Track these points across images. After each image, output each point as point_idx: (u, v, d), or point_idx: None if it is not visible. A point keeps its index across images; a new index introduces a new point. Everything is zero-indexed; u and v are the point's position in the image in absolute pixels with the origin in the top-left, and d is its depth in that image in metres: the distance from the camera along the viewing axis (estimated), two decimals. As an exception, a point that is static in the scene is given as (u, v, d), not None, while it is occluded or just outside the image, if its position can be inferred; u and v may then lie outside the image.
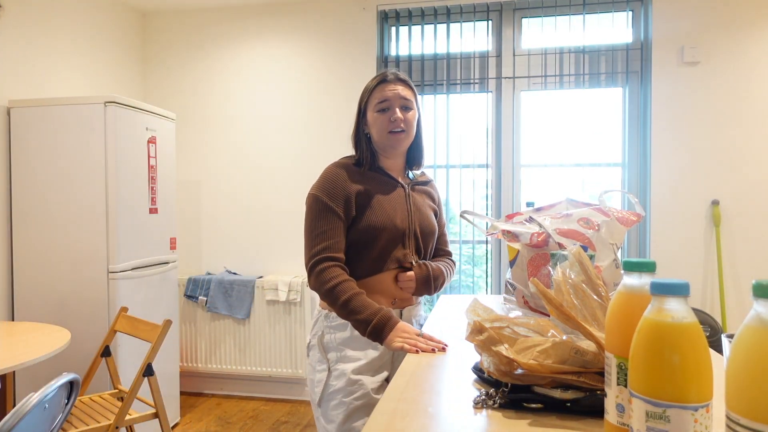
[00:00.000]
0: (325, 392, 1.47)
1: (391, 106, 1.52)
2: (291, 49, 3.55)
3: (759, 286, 0.53)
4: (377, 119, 1.53)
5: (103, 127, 2.62)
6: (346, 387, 1.43)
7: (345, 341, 1.48)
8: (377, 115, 1.53)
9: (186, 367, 3.55)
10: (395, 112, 1.51)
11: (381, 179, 1.57)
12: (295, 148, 3.56)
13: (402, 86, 1.54)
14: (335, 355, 1.48)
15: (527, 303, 1.42)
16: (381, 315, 1.36)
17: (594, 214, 1.39)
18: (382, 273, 1.50)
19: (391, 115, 1.52)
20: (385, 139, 1.53)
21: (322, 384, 1.47)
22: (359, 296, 1.39)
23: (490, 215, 3.33)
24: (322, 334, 1.51)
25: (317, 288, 1.45)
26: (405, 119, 1.52)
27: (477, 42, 3.32)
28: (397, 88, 1.53)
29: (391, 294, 1.53)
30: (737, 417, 0.53)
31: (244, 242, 3.64)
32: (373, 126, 1.55)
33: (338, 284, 1.40)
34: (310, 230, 1.49)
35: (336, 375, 1.46)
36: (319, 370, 1.50)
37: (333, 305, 1.42)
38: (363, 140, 1.58)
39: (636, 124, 3.18)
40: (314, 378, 1.51)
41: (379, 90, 1.54)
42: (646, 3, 3.12)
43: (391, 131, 1.52)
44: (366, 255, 1.49)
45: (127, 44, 3.59)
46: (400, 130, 1.52)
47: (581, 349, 0.84)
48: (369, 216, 1.48)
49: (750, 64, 3.00)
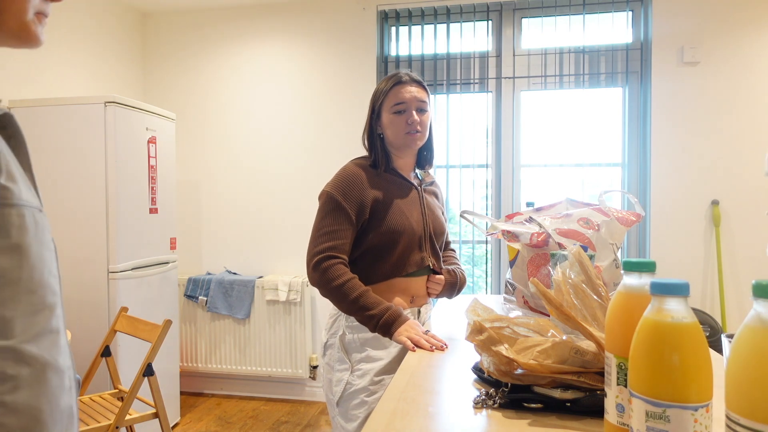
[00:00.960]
0: (345, 391, 1.47)
1: (407, 108, 1.53)
2: (291, 49, 3.55)
3: (759, 286, 0.53)
4: (393, 120, 1.54)
5: (103, 127, 2.62)
6: (369, 386, 1.44)
7: (367, 341, 1.48)
8: (393, 116, 1.54)
9: (186, 367, 3.55)
10: (412, 114, 1.53)
11: (397, 181, 1.58)
12: (295, 147, 3.56)
13: (417, 88, 1.56)
14: (358, 355, 1.48)
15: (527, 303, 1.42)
16: (392, 311, 1.40)
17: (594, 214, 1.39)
18: (401, 276, 1.53)
19: (408, 117, 1.53)
20: (401, 140, 1.55)
21: (342, 383, 1.48)
22: (369, 293, 1.43)
23: (490, 215, 3.33)
24: (343, 334, 1.51)
25: (323, 284, 1.45)
26: (421, 121, 1.54)
27: (477, 42, 3.32)
28: (413, 90, 1.54)
29: (410, 293, 1.56)
30: (737, 417, 0.53)
31: (244, 242, 3.64)
32: (389, 127, 1.56)
33: (347, 281, 1.42)
34: (318, 227, 1.50)
35: (359, 374, 1.46)
36: (340, 369, 1.50)
37: (340, 301, 1.44)
38: (377, 141, 1.58)
39: (636, 124, 3.18)
40: (332, 377, 1.51)
41: (395, 92, 1.55)
42: (646, 3, 3.12)
43: (408, 132, 1.53)
44: (387, 258, 1.51)
45: (127, 44, 3.59)
46: (416, 132, 1.54)
47: (581, 349, 0.84)
48: (389, 220, 1.50)
49: (750, 64, 3.00)
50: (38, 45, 0.78)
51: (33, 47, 0.78)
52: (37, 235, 0.73)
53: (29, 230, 0.72)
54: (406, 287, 1.54)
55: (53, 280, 0.75)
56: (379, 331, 1.39)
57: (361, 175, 1.52)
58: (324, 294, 1.48)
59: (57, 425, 0.72)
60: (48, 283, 0.73)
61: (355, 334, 1.50)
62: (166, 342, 2.76)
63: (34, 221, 0.73)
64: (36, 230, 0.73)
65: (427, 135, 1.59)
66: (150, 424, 2.57)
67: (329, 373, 1.53)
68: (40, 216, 0.74)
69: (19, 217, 0.70)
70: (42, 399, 0.70)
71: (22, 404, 0.66)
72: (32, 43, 0.78)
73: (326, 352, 1.56)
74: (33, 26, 0.76)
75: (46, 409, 0.70)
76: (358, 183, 1.50)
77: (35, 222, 0.73)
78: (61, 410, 0.73)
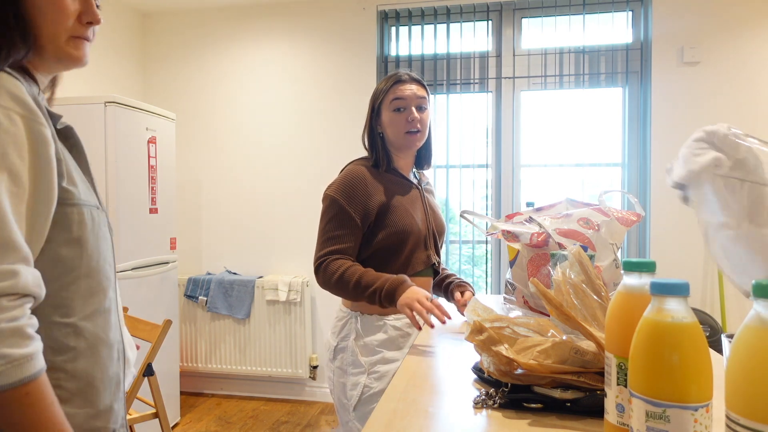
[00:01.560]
0: (363, 395, 1.45)
1: (407, 105, 1.52)
2: (291, 49, 3.55)
3: (759, 286, 0.53)
4: (393, 119, 1.53)
5: (103, 127, 2.62)
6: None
7: (383, 343, 1.48)
8: (393, 114, 1.53)
9: (186, 367, 3.55)
10: (412, 112, 1.52)
11: (399, 181, 1.58)
12: (295, 147, 3.56)
13: (417, 86, 1.55)
14: (373, 357, 1.47)
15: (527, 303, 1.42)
16: (393, 279, 1.38)
17: (594, 214, 1.39)
18: (410, 276, 1.52)
19: (408, 115, 1.52)
20: (401, 139, 1.54)
21: (359, 387, 1.46)
22: (368, 272, 1.42)
23: (490, 215, 3.33)
24: (356, 336, 1.50)
25: (326, 281, 1.45)
26: (421, 119, 1.53)
27: (477, 42, 3.32)
28: (413, 88, 1.53)
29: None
30: (737, 417, 0.53)
31: (244, 242, 3.64)
32: (389, 126, 1.55)
33: (345, 270, 1.42)
34: (323, 232, 1.49)
35: (376, 377, 1.45)
36: (354, 373, 1.48)
37: (345, 290, 1.43)
38: (378, 140, 1.57)
39: (636, 124, 3.18)
40: (346, 381, 1.49)
41: (395, 89, 1.54)
42: (646, 3, 3.12)
43: (408, 131, 1.53)
44: (396, 258, 1.51)
45: (127, 44, 3.59)
46: (417, 131, 1.53)
47: (581, 349, 0.84)
48: (397, 221, 1.49)
49: (750, 64, 3.00)
50: (81, 65, 0.88)
51: (77, 67, 0.87)
52: (93, 230, 0.85)
53: (87, 225, 0.83)
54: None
55: (108, 267, 0.88)
56: (385, 302, 1.37)
57: (365, 178, 1.51)
58: (331, 291, 1.47)
59: (107, 390, 0.86)
60: (103, 269, 0.86)
61: (369, 337, 1.49)
62: (166, 342, 2.76)
63: (91, 217, 0.84)
64: (93, 225, 0.85)
65: (426, 134, 1.58)
66: (150, 424, 2.57)
67: (342, 377, 1.50)
68: (97, 213, 0.86)
69: (79, 214, 0.82)
70: (96, 368, 0.84)
71: (80, 371, 0.82)
72: (74, 64, 0.88)
73: (337, 355, 1.53)
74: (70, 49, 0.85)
75: (98, 376, 0.85)
76: (362, 186, 1.49)
77: (92, 218, 0.84)
78: (110, 377, 0.87)
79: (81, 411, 0.82)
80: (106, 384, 0.86)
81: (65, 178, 0.79)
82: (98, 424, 0.84)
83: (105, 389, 0.86)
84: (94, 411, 0.84)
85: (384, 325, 1.49)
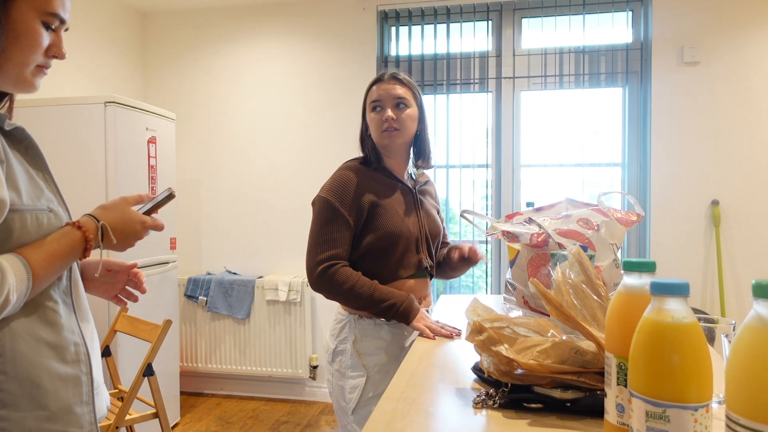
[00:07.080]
0: (362, 398, 1.46)
1: (383, 105, 1.54)
2: (291, 49, 3.55)
3: (759, 286, 0.53)
4: (373, 119, 1.56)
5: (103, 127, 2.62)
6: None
7: (381, 346, 1.49)
8: (373, 114, 1.56)
9: (186, 367, 3.55)
10: (386, 111, 1.53)
11: (390, 183, 1.58)
12: (295, 147, 3.56)
13: (396, 84, 1.55)
14: (374, 360, 1.48)
15: (527, 303, 1.42)
16: (408, 299, 1.45)
17: (593, 214, 1.39)
18: (401, 279, 1.53)
19: (383, 114, 1.53)
20: (379, 137, 1.55)
21: (358, 390, 1.46)
22: (380, 287, 1.46)
23: (490, 215, 3.33)
24: (355, 339, 1.50)
25: (332, 289, 1.45)
26: (398, 118, 1.53)
27: (477, 42, 3.32)
28: (388, 87, 1.54)
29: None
30: (737, 417, 0.53)
31: (244, 242, 3.64)
32: (370, 125, 1.58)
33: (356, 281, 1.44)
34: (317, 235, 1.49)
35: (376, 381, 1.46)
36: (353, 376, 1.48)
37: (354, 301, 1.45)
38: (368, 141, 1.60)
39: (636, 124, 3.18)
40: (345, 384, 1.49)
41: (373, 91, 1.57)
42: (646, 3, 3.12)
43: (384, 130, 1.53)
44: (386, 261, 1.51)
45: (127, 44, 3.59)
46: (392, 129, 1.53)
47: (581, 349, 0.84)
48: (386, 224, 1.49)
49: (750, 64, 3.00)
50: (33, 91, 0.90)
51: (28, 92, 0.90)
52: (40, 234, 0.84)
53: (30, 232, 0.83)
54: (407, 290, 1.54)
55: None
56: (397, 318, 1.43)
57: (354, 178, 1.52)
58: (332, 298, 1.48)
59: (60, 391, 0.84)
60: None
61: (369, 340, 1.49)
62: (166, 342, 2.76)
63: (37, 223, 0.84)
64: (39, 231, 0.84)
65: (409, 132, 1.57)
66: (150, 424, 2.57)
67: (340, 380, 1.50)
68: (48, 216, 0.86)
69: (21, 220, 0.81)
70: (40, 369, 0.83)
71: (21, 372, 0.80)
72: (27, 90, 0.90)
73: (335, 358, 1.53)
74: (31, 77, 0.88)
75: (44, 376, 0.83)
76: (352, 186, 1.50)
77: (38, 224, 0.84)
78: (62, 378, 0.85)
79: (30, 414, 0.79)
80: (58, 385, 0.84)
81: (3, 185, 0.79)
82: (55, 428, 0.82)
83: (57, 390, 0.84)
84: (47, 413, 0.81)
85: (382, 329, 1.50)
